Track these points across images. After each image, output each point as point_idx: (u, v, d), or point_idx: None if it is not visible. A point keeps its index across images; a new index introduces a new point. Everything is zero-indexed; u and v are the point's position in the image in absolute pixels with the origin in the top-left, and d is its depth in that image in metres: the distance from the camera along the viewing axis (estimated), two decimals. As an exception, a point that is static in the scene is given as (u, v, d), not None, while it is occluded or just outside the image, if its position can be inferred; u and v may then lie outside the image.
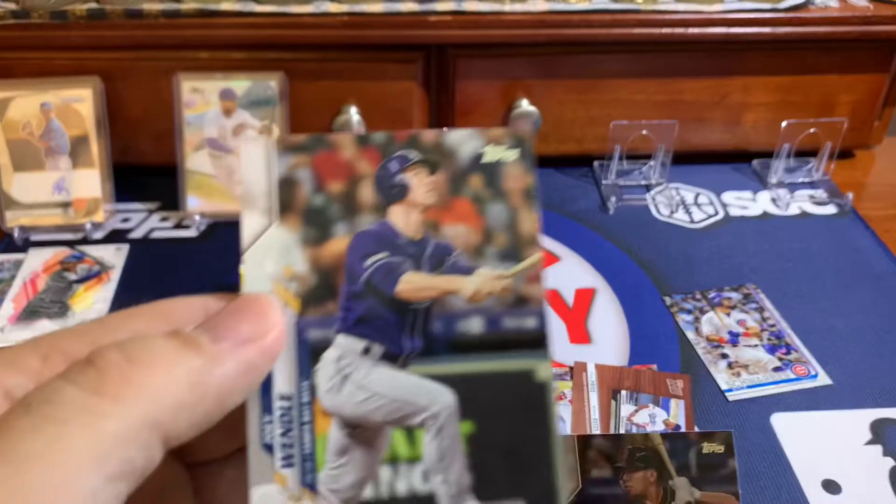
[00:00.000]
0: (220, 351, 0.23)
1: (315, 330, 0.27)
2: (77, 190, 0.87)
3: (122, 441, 0.20)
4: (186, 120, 0.87)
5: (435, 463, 0.27)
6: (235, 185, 0.88)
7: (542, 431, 0.27)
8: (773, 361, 0.72)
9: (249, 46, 0.88)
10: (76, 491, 0.20)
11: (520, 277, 0.28)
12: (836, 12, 0.90)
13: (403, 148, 0.28)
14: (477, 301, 0.28)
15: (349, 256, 0.28)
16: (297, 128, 0.91)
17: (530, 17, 0.87)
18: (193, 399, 0.22)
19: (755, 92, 0.96)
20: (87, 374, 0.21)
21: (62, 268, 0.82)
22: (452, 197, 0.28)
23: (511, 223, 0.28)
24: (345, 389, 0.27)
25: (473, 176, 0.29)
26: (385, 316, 0.28)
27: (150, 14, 0.85)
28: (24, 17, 0.85)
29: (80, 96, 0.87)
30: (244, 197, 0.28)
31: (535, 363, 0.27)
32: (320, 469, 0.27)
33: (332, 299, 0.27)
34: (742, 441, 0.64)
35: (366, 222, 0.28)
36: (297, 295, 0.27)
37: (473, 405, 0.27)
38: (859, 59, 0.95)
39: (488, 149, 0.29)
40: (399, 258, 0.28)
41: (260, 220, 0.28)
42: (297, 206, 0.28)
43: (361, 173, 0.28)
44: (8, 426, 0.20)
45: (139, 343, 0.22)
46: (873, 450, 0.64)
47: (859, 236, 0.89)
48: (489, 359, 0.28)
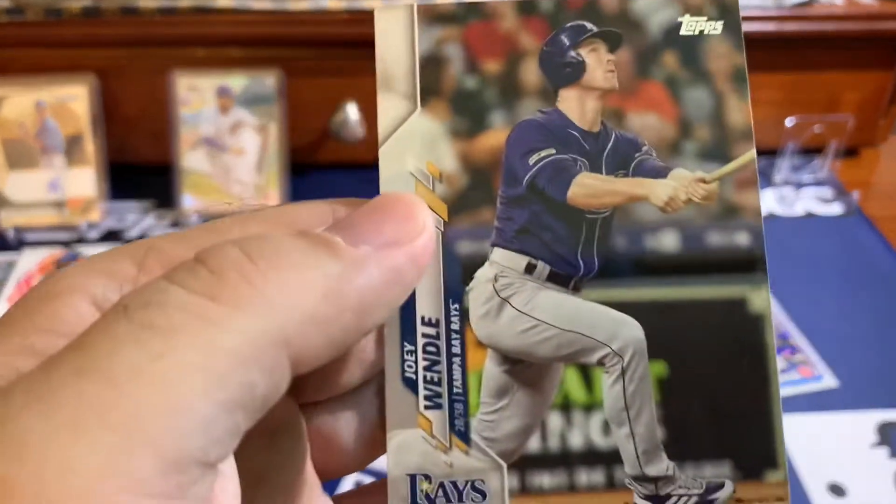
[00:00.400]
0: (360, 255, 0.18)
1: (466, 242, 0.23)
2: (72, 189, 0.86)
3: (242, 360, 0.16)
4: (182, 118, 0.87)
5: (618, 412, 0.22)
6: (233, 184, 0.88)
7: (758, 377, 0.22)
8: (778, 363, 0.71)
9: (246, 43, 0.87)
10: (184, 419, 0.16)
11: (728, 181, 0.23)
12: (842, 9, 0.90)
13: (577, 17, 0.23)
14: (672, 210, 0.23)
15: (509, 152, 0.23)
16: (295, 125, 0.90)
17: (531, 14, 0.86)
18: (329, 312, 0.18)
19: (760, 89, 0.95)
20: (198, 275, 0.17)
21: (57, 268, 0.82)
22: (640, 79, 0.23)
23: (716, 112, 0.23)
24: (503, 316, 0.23)
25: (667, 53, 0.23)
26: (553, 227, 0.23)
27: (145, 11, 0.84)
28: (19, 14, 0.84)
29: (74, 94, 0.86)
30: (381, 78, 0.23)
31: (748, 290, 0.22)
32: (473, 413, 0.22)
33: (488, 205, 0.23)
34: (747, 444, 0.64)
35: (530, 110, 0.23)
36: (443, 198, 0.23)
37: (667, 342, 0.22)
38: (865, 57, 0.94)
39: (686, 19, 0.23)
40: (572, 155, 0.23)
41: (400, 105, 0.23)
42: (445, 89, 0.23)
43: (525, 49, 0.23)
44: (100, 334, 0.16)
45: (263, 241, 0.18)
46: (880, 452, 0.63)
47: (865, 236, 0.88)
48: (688, 284, 0.23)
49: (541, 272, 0.23)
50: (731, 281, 0.23)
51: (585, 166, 0.23)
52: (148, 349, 0.16)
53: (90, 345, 0.16)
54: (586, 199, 0.23)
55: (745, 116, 0.23)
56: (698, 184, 0.23)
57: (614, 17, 0.23)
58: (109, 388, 0.15)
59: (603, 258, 0.23)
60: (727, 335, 0.22)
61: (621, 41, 0.23)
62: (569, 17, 0.23)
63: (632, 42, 0.23)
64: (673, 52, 0.23)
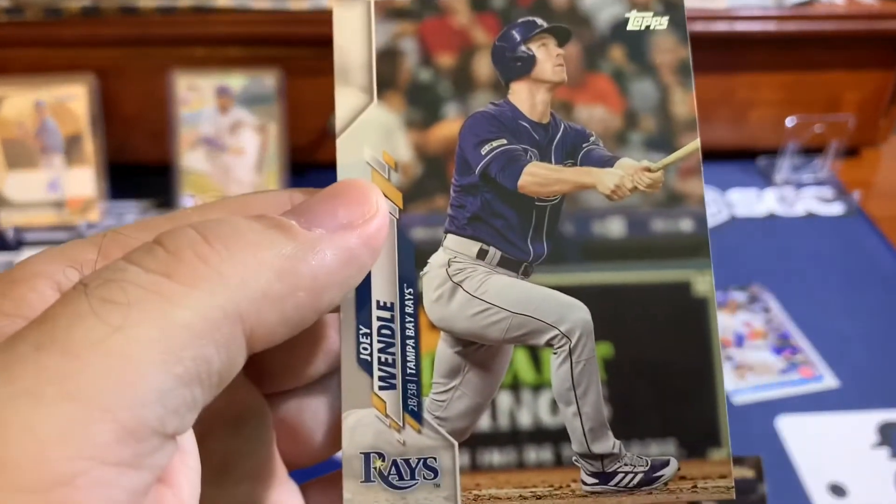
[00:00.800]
0: (314, 236, 0.19)
1: (420, 228, 0.23)
2: (71, 189, 0.86)
3: (197, 334, 0.17)
4: (182, 117, 0.87)
5: (566, 391, 0.23)
6: (232, 183, 0.88)
7: (701, 356, 0.23)
8: (778, 363, 0.71)
9: (246, 42, 0.87)
10: (141, 389, 0.16)
11: (672, 170, 0.23)
12: (843, 9, 0.90)
13: (528, 13, 0.24)
14: (618, 198, 0.23)
15: (462, 142, 0.24)
16: (294, 125, 0.90)
17: (531, 13, 0.86)
18: (283, 290, 0.18)
19: (761, 89, 0.95)
20: (156, 255, 0.18)
21: (56, 268, 0.82)
22: (588, 72, 0.24)
23: (661, 104, 0.24)
24: (456, 299, 0.23)
25: (614, 47, 0.24)
26: (504, 214, 0.23)
27: (145, 10, 0.84)
28: (18, 14, 0.84)
29: (74, 94, 0.86)
30: (338, 69, 0.23)
31: (692, 274, 0.23)
32: (426, 393, 0.23)
33: (441, 192, 0.23)
34: (748, 444, 0.63)
35: (482, 102, 0.24)
36: (399, 186, 0.23)
37: (613, 323, 0.23)
38: (865, 57, 0.94)
39: (633, 14, 0.24)
40: (522, 145, 0.24)
41: (356, 97, 0.23)
42: (401, 81, 0.24)
43: (477, 43, 0.24)
44: (61, 309, 0.17)
45: (219, 223, 0.19)
46: (880, 452, 0.63)
47: (866, 236, 0.88)
48: (633, 268, 0.23)
49: (492, 257, 0.24)
50: (675, 265, 0.23)
51: (535, 156, 0.24)
52: (106, 323, 0.16)
53: (50, 319, 0.17)
54: (536, 188, 0.23)
55: (689, 108, 0.24)
56: (644, 173, 0.23)
57: (563, 13, 0.24)
58: (68, 360, 0.16)
59: (552, 244, 0.23)
60: (671, 317, 0.23)
61: (570, 36, 0.24)
62: (520, 13, 0.24)
63: (580, 37, 0.24)
64: (620, 46, 0.24)
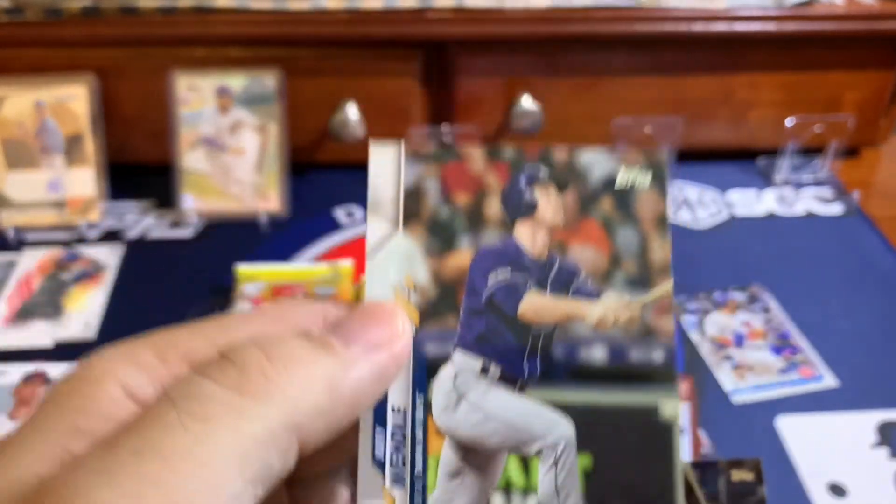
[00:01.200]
0: (352, 354, 0.22)
1: (433, 344, 0.27)
2: (72, 189, 0.86)
3: (263, 443, 0.20)
4: (182, 117, 0.87)
5: (550, 495, 0.26)
6: (232, 184, 0.88)
7: (665, 472, 0.26)
8: (778, 363, 0.71)
9: (246, 43, 0.87)
10: (221, 493, 0.19)
11: (648, 307, 0.27)
12: (842, 9, 0.90)
13: (534, 164, 0.28)
14: (602, 329, 0.27)
15: (472, 271, 0.27)
16: (294, 125, 0.90)
17: (532, 14, 0.86)
18: (329, 403, 0.21)
19: (760, 89, 0.95)
20: (227, 372, 0.21)
21: (57, 268, 0.82)
22: (581, 218, 0.28)
23: (642, 250, 0.28)
24: (460, 409, 0.27)
25: (604, 198, 0.28)
26: (505, 336, 0.27)
27: (145, 11, 0.84)
28: (18, 14, 0.84)
29: (74, 94, 0.86)
30: (371, 202, 0.27)
31: (661, 399, 0.27)
32: (431, 491, 0.26)
33: (452, 314, 0.27)
34: (747, 444, 0.64)
35: (491, 237, 0.28)
36: (417, 306, 0.27)
37: (593, 438, 0.26)
38: (865, 57, 0.94)
39: (622, 172, 0.28)
40: (523, 277, 0.28)
41: (385, 227, 0.27)
42: (423, 215, 0.27)
43: (489, 187, 0.28)
44: (153, 421, 0.20)
45: (276, 342, 0.22)
46: (880, 452, 0.63)
47: (866, 236, 0.88)
48: (612, 391, 0.27)
49: (493, 374, 0.27)
50: (646, 390, 0.27)
51: (534, 287, 0.28)
52: (192, 435, 0.19)
53: (145, 429, 0.20)
54: (533, 315, 0.27)
55: (665, 254, 0.27)
56: (625, 308, 0.27)
57: (563, 166, 0.28)
58: (164, 467, 0.19)
59: (544, 365, 0.27)
60: (641, 437, 0.26)
61: (568, 185, 0.28)
62: (527, 163, 0.28)
63: (577, 187, 0.28)
64: (609, 197, 0.28)
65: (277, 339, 0.22)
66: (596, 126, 0.96)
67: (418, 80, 0.90)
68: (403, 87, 0.90)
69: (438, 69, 0.91)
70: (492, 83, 0.92)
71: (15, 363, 0.70)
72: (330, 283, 0.75)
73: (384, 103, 0.91)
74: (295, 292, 0.74)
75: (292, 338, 0.22)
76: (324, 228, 0.88)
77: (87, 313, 0.76)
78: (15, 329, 0.74)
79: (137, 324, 0.75)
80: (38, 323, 0.75)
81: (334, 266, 0.78)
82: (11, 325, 0.74)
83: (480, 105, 0.93)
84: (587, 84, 0.93)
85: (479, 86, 0.92)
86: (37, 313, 0.76)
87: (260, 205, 0.88)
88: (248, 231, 0.87)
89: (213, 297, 0.78)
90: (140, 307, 0.77)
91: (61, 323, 0.75)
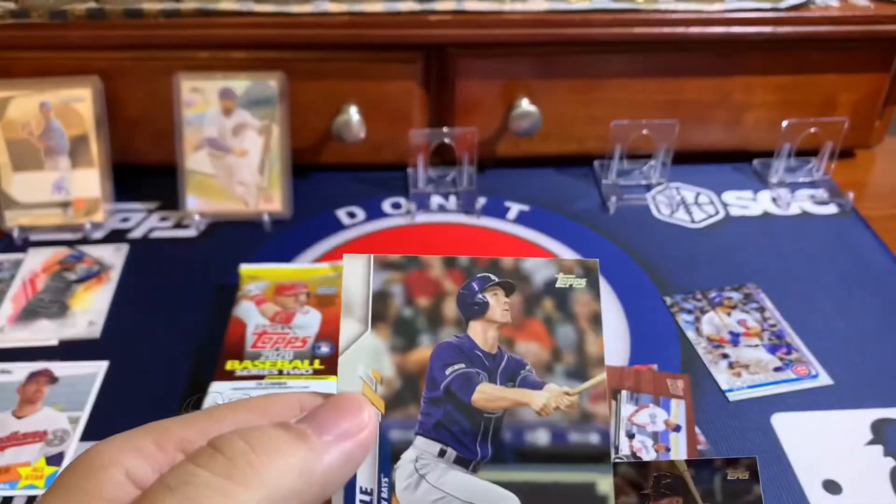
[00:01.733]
0: (324, 443, 0.26)
1: (397, 430, 0.30)
2: (76, 190, 0.87)
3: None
4: (186, 119, 0.87)
5: None
6: (236, 185, 0.88)
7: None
8: (773, 361, 0.72)
9: (249, 46, 0.88)
10: None
11: (585, 395, 0.30)
12: (837, 11, 0.90)
13: (485, 271, 0.32)
14: (545, 414, 0.30)
15: (431, 365, 0.31)
16: (297, 127, 0.91)
17: (531, 17, 0.87)
18: (302, 486, 0.25)
19: (756, 91, 0.96)
20: (217, 461, 0.24)
21: (61, 268, 0.82)
22: (526, 317, 0.31)
23: (578, 344, 0.31)
24: (420, 488, 0.30)
25: (546, 299, 0.32)
26: (461, 422, 0.30)
27: (149, 14, 0.85)
28: (24, 16, 0.85)
29: (79, 96, 0.87)
30: (345, 305, 0.31)
31: (597, 476, 0.30)
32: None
33: (414, 403, 0.30)
34: (742, 441, 0.64)
35: (448, 335, 0.31)
36: (383, 396, 0.30)
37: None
38: (860, 59, 0.95)
39: (560, 276, 0.32)
40: (476, 369, 0.31)
41: (356, 326, 0.31)
42: (389, 316, 0.31)
43: (446, 291, 0.32)
44: (153, 503, 0.23)
45: (258, 433, 0.25)
46: (874, 450, 0.64)
47: (860, 236, 0.89)
48: (554, 470, 0.30)
49: (450, 456, 0.30)
50: (585, 469, 0.30)
51: (486, 378, 0.31)
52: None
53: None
54: (485, 403, 0.31)
55: (599, 349, 0.31)
56: (565, 396, 0.30)
57: (510, 272, 0.32)
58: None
59: (494, 448, 0.30)
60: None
61: (514, 289, 0.32)
62: (479, 270, 0.32)
63: (522, 290, 0.32)
64: (550, 299, 0.32)
65: (259, 430, 0.25)
66: (594, 128, 0.97)
67: (418, 83, 0.91)
68: (404, 90, 0.91)
69: (438, 72, 0.92)
70: (491, 86, 0.93)
71: (20, 362, 0.71)
72: (331, 283, 0.76)
73: (385, 105, 0.92)
74: (297, 291, 0.75)
75: (273, 428, 0.25)
76: (326, 229, 0.89)
77: (91, 312, 0.77)
78: (20, 328, 0.75)
79: (142, 323, 0.77)
80: (43, 322, 0.75)
81: (335, 266, 0.79)
82: (17, 324, 0.75)
83: (480, 107, 0.94)
84: (585, 86, 0.94)
85: (479, 88, 0.93)
86: (42, 313, 0.76)
87: (263, 206, 0.89)
88: (251, 232, 0.88)
89: (217, 296, 0.78)
90: (144, 307, 0.78)
91: (66, 322, 0.75)
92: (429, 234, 0.88)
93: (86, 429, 0.65)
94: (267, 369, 0.67)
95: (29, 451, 0.63)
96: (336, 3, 0.87)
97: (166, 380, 0.69)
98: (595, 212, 0.92)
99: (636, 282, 0.81)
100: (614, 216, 0.92)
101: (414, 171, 0.94)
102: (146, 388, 0.69)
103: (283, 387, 0.65)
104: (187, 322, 0.76)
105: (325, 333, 0.71)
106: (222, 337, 0.71)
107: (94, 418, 0.66)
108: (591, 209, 0.93)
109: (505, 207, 0.93)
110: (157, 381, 0.69)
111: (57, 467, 0.61)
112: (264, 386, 0.65)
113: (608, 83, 0.94)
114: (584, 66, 0.92)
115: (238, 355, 0.68)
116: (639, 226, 0.90)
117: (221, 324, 0.73)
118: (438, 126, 0.95)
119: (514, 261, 0.32)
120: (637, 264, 0.84)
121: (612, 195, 0.93)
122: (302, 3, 0.86)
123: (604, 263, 0.84)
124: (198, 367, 0.70)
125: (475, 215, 0.91)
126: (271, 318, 0.72)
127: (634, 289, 0.80)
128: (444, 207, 0.93)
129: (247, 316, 0.72)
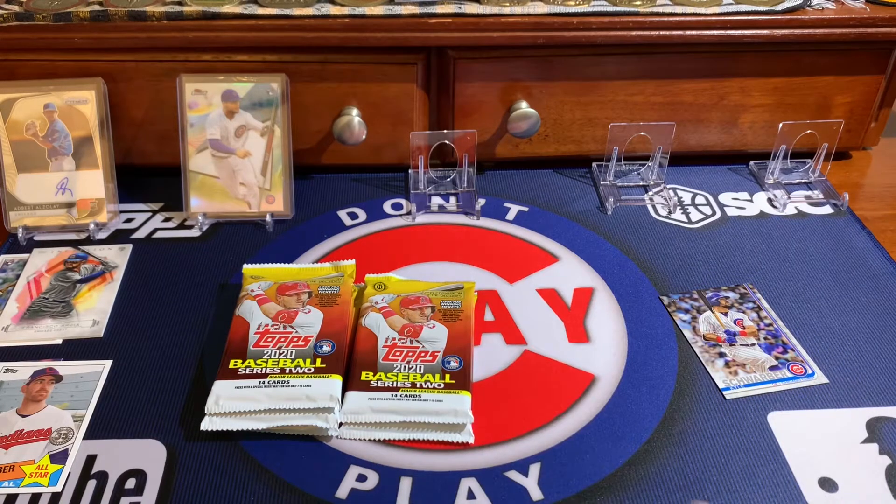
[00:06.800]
0: None
1: None
2: (81, 190, 0.88)
3: None
4: (189, 121, 0.88)
5: None
6: (238, 186, 0.89)
7: None
8: (769, 360, 0.72)
9: (251, 48, 0.88)
10: None
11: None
12: (833, 14, 0.91)
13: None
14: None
15: None
16: (299, 129, 0.91)
17: (529, 20, 0.88)
18: None
19: (752, 93, 0.97)
20: None
21: (66, 267, 0.83)
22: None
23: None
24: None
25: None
26: None
27: (152, 16, 0.86)
28: (28, 18, 0.86)
29: (83, 97, 0.87)
30: None
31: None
32: None
33: None
34: (739, 439, 0.65)
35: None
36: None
37: None
38: (855, 61, 0.95)
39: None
40: None
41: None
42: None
43: None
44: None
45: None
46: (869, 448, 0.64)
47: (855, 236, 0.89)
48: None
49: None
50: None
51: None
52: None
53: None
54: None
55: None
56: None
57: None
58: None
59: None
60: None
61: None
62: None
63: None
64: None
65: None
66: (592, 129, 0.97)
67: (419, 85, 0.92)
68: (405, 92, 0.92)
69: (438, 74, 0.93)
70: (491, 88, 0.94)
71: (25, 361, 0.72)
72: (333, 283, 0.77)
73: (386, 107, 0.93)
74: (299, 290, 0.76)
75: None
76: (327, 229, 0.89)
77: (95, 312, 0.77)
78: (25, 328, 0.75)
79: (145, 322, 0.77)
80: (48, 321, 0.76)
81: (337, 266, 0.80)
82: (21, 324, 0.76)
83: (479, 109, 0.95)
84: (583, 89, 0.95)
85: (478, 90, 0.94)
86: (46, 313, 0.77)
87: (265, 206, 0.90)
88: (253, 232, 0.89)
89: (220, 296, 0.79)
90: (148, 306, 0.78)
91: (70, 321, 0.76)
92: (429, 235, 0.89)
93: (90, 427, 0.65)
94: (269, 368, 0.68)
95: (33, 448, 0.63)
96: (337, 6, 0.87)
97: (170, 379, 0.70)
98: (593, 212, 0.93)
99: (634, 281, 0.82)
100: (612, 217, 0.92)
101: (414, 173, 0.95)
102: (150, 386, 0.69)
103: (286, 385, 0.66)
104: (190, 321, 0.76)
105: (327, 332, 0.71)
106: (225, 336, 0.72)
107: (98, 417, 0.66)
108: (590, 210, 0.94)
109: (504, 208, 0.93)
110: (160, 379, 0.70)
111: (61, 465, 0.62)
112: (267, 384, 0.66)
113: (606, 85, 0.94)
114: (583, 68, 0.93)
115: (241, 354, 0.69)
116: (636, 226, 0.91)
117: (225, 323, 0.74)
118: (438, 128, 0.96)
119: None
120: (634, 264, 0.85)
121: (610, 196, 0.94)
122: (303, 7, 0.87)
123: (602, 264, 0.85)
124: (201, 366, 0.71)
125: (475, 216, 0.92)
126: (274, 317, 0.73)
127: (632, 288, 0.81)
128: (444, 208, 0.93)
129: (250, 315, 0.73)
